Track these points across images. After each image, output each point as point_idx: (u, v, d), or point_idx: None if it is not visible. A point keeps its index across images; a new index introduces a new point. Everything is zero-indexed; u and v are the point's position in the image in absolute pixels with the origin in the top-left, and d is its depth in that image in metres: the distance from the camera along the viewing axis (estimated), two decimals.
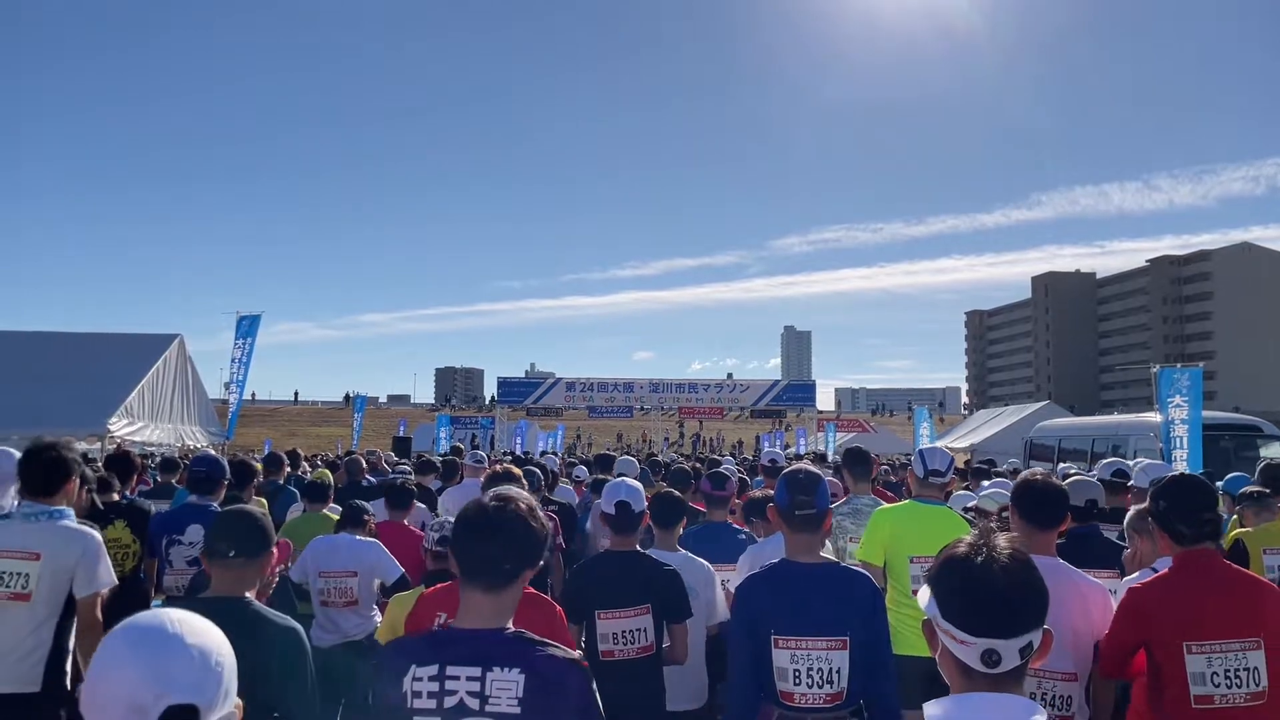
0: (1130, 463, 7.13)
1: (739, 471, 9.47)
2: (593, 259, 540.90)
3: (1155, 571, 3.62)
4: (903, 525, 5.07)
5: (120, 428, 12.24)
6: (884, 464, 10.56)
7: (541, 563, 2.32)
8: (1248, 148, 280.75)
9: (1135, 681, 3.52)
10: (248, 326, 16.39)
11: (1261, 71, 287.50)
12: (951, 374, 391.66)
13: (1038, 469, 4.89)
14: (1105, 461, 7.00)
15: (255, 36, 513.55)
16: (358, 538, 5.63)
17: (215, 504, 5.70)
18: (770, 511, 3.50)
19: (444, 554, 4.31)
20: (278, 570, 3.97)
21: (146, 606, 5.17)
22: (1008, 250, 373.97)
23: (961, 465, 11.79)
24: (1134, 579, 3.84)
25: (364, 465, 10.11)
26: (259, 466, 7.58)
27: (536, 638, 2.19)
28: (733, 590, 4.59)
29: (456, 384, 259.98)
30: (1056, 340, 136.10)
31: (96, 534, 3.98)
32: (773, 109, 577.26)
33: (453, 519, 4.53)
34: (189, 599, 3.85)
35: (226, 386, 17.63)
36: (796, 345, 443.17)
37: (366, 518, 5.75)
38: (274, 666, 2.72)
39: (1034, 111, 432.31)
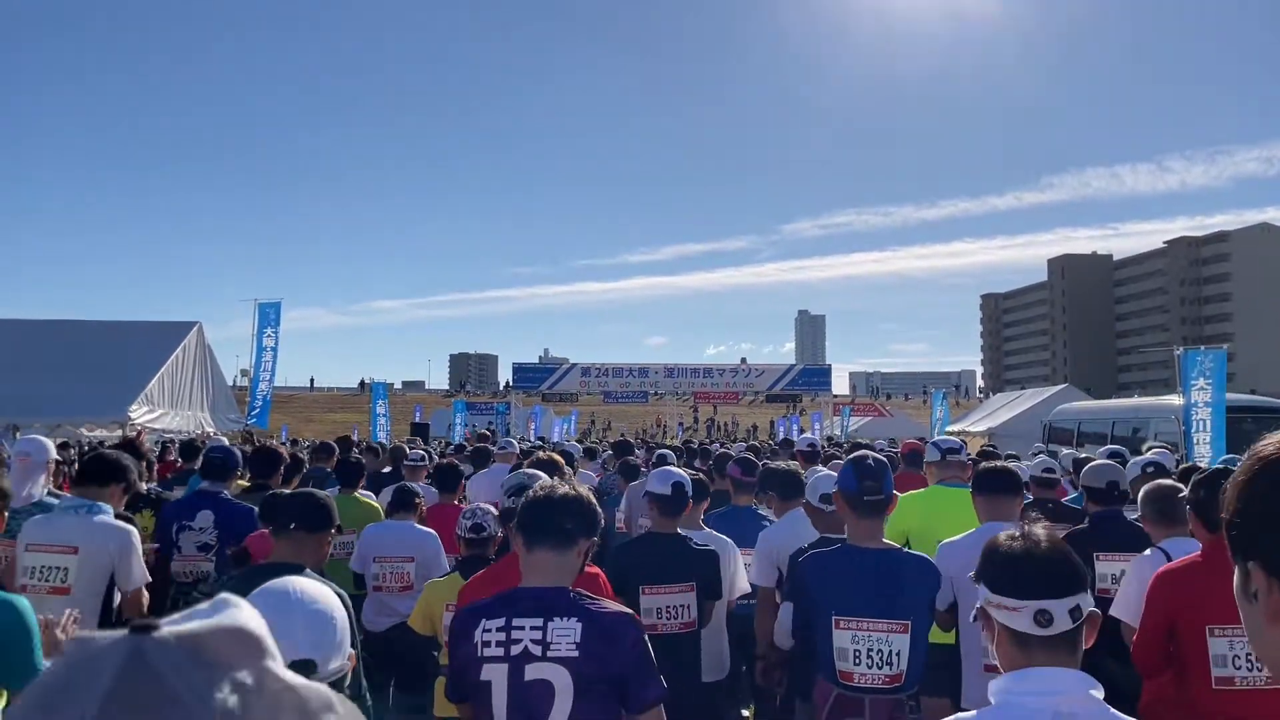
0: (1061, 455, 7.42)
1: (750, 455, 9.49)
2: (602, 245, 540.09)
3: (1162, 551, 3.80)
4: (929, 511, 5.05)
5: (141, 415, 12.33)
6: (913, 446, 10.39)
7: (596, 538, 2.58)
8: (1261, 128, 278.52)
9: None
10: (274, 316, 16.26)
11: (1274, 51, 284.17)
12: (967, 357, 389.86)
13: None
14: (1036, 460, 7.54)
15: (263, 29, 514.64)
16: (416, 526, 5.68)
17: (226, 491, 5.71)
18: (835, 497, 3.60)
19: (477, 540, 4.34)
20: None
21: (165, 594, 5.16)
22: (1020, 233, 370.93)
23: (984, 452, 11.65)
24: (1146, 556, 3.87)
25: (406, 452, 10.14)
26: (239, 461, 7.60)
27: (593, 596, 2.47)
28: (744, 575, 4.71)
29: (471, 370, 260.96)
30: (1073, 323, 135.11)
31: (133, 529, 4.11)
32: (781, 92, 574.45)
33: (484, 506, 4.55)
34: (239, 571, 3.87)
35: (244, 373, 17.67)
36: (810, 330, 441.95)
37: (417, 501, 5.81)
38: None
39: (1044, 93, 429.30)
